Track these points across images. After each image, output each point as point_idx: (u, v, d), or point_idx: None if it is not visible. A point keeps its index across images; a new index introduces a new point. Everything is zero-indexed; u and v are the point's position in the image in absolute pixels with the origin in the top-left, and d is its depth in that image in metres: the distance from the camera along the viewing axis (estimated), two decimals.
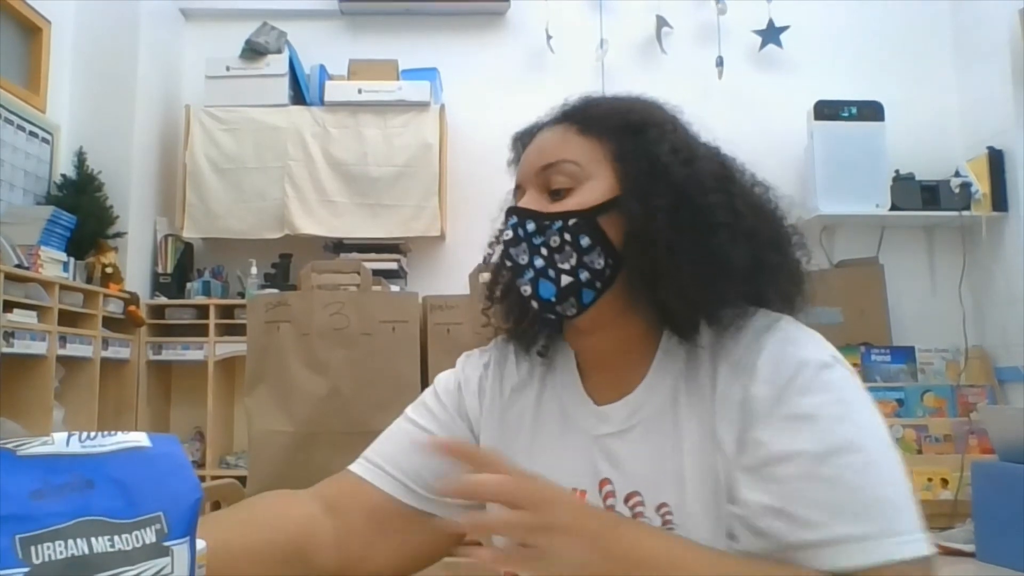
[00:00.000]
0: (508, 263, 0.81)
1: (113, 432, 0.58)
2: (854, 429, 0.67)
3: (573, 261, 0.76)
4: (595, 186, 0.78)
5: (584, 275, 0.76)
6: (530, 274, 0.78)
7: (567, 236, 0.77)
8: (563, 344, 0.88)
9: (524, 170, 0.84)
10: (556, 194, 0.80)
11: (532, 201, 0.80)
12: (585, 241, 0.76)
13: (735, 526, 0.68)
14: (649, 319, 0.80)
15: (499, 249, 0.86)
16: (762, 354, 0.71)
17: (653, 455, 0.75)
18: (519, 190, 0.85)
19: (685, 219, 0.74)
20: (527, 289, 0.78)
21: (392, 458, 0.87)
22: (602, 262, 0.76)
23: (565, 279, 0.76)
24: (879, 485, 0.64)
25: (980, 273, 4.06)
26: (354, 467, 0.89)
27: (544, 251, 0.77)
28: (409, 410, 0.93)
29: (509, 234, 0.80)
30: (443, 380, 0.94)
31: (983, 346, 4.01)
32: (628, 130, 0.80)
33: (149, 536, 0.53)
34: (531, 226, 0.79)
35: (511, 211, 0.81)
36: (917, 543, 0.62)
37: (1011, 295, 3.82)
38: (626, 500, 0.75)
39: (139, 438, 0.58)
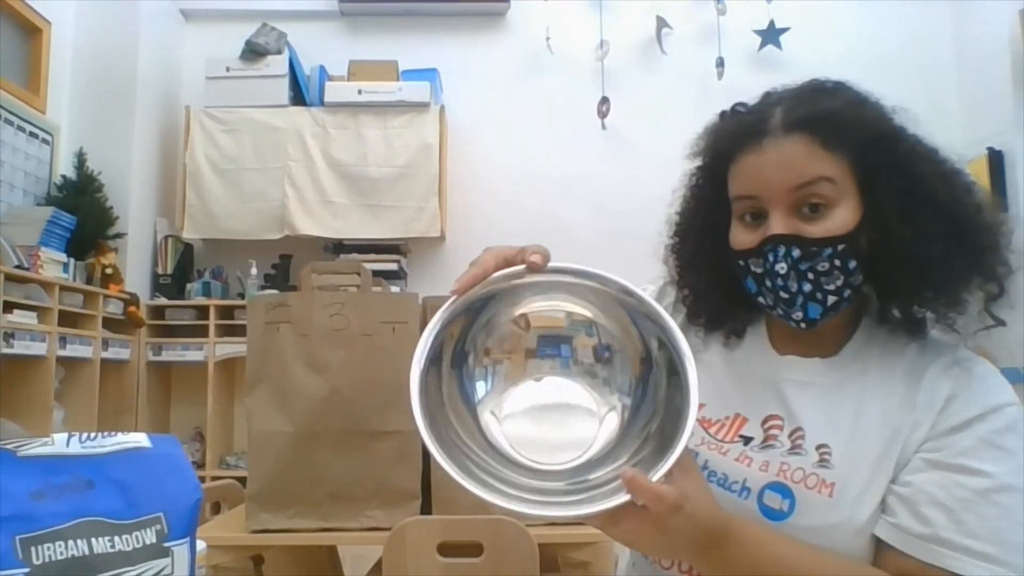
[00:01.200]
0: (766, 287, 0.81)
1: (113, 433, 0.58)
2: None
3: (840, 282, 0.78)
4: (849, 204, 0.78)
5: (847, 293, 0.80)
6: (800, 300, 0.79)
7: (836, 262, 0.78)
8: (754, 323, 0.92)
9: (767, 187, 0.79)
10: (809, 212, 0.78)
11: (789, 225, 0.78)
12: (852, 264, 0.78)
13: (893, 501, 0.74)
14: (860, 308, 0.85)
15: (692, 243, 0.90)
16: (976, 373, 0.80)
17: (828, 409, 0.80)
18: (747, 200, 0.81)
19: (953, 239, 0.76)
20: (798, 315, 0.80)
21: None
22: (861, 278, 0.80)
23: (831, 299, 0.79)
24: (1019, 535, 0.71)
25: None
26: None
27: (811, 275, 0.78)
28: None
29: (782, 266, 0.78)
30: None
31: (983, 346, 4.00)
32: (874, 142, 0.79)
33: (149, 537, 0.53)
34: (796, 252, 0.78)
35: (777, 239, 0.78)
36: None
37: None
38: (791, 434, 0.80)
39: (139, 439, 0.58)
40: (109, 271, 3.60)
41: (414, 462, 1.49)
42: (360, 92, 4.03)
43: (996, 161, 3.94)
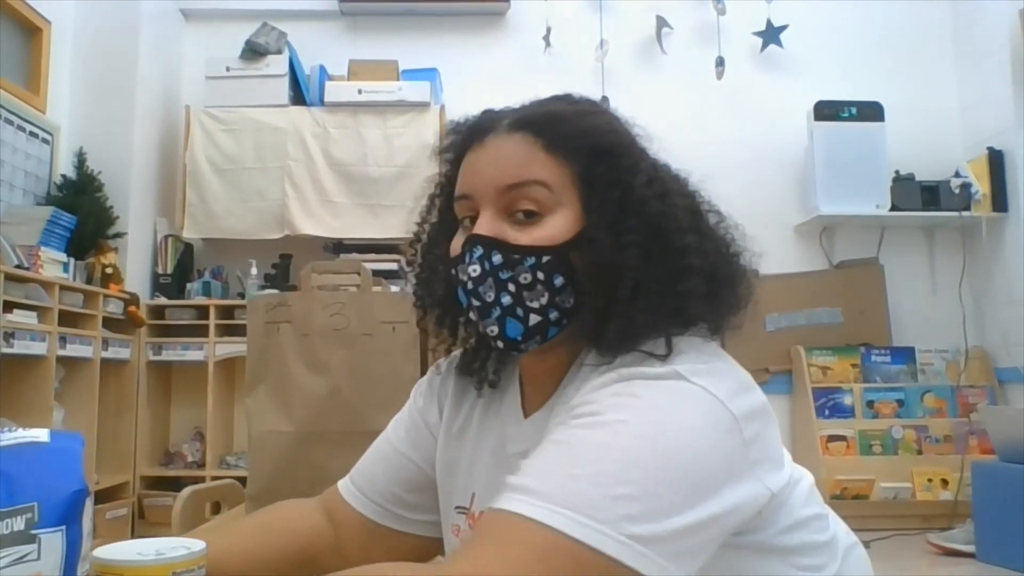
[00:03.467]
0: (466, 295, 0.74)
1: (14, 428, 0.62)
2: (617, 417, 0.61)
3: (544, 300, 0.71)
4: (565, 214, 0.72)
5: (553, 314, 0.72)
6: (496, 312, 0.71)
7: (540, 275, 0.70)
8: (508, 367, 0.84)
9: (479, 184, 0.73)
10: (522, 217, 0.72)
11: (495, 227, 0.72)
12: (559, 281, 0.71)
13: None
14: (580, 339, 0.75)
15: (431, 256, 0.82)
16: (623, 373, 0.66)
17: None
18: (465, 201, 0.75)
19: (657, 259, 0.70)
20: (493, 329, 0.72)
21: (372, 481, 0.89)
22: (572, 300, 0.72)
23: (534, 318, 0.71)
24: (595, 471, 0.58)
25: (980, 274, 4.06)
26: (341, 487, 0.91)
27: (512, 287, 0.71)
28: (391, 424, 0.94)
29: (475, 268, 0.71)
30: (415, 393, 0.93)
31: (983, 347, 4.01)
32: (599, 153, 0.73)
33: (18, 524, 0.56)
34: (497, 258, 0.71)
35: (475, 239, 0.71)
36: (557, 516, 0.56)
37: (1011, 295, 3.82)
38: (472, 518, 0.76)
39: (38, 434, 0.62)
40: (109, 271, 3.61)
41: None
42: (360, 92, 4.03)
43: (996, 161, 3.94)
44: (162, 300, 3.94)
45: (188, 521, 1.58)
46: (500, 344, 0.73)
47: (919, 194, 4.00)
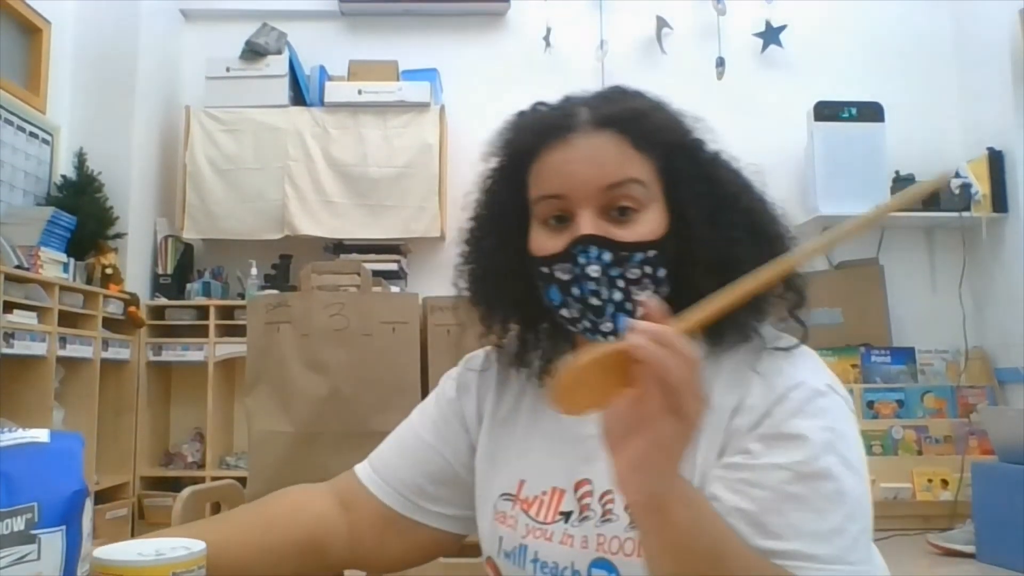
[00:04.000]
0: (568, 294, 0.74)
1: (14, 428, 0.62)
2: (835, 459, 0.67)
3: (649, 292, 0.73)
4: (656, 209, 0.75)
5: None
6: (610, 310, 0.73)
7: (647, 269, 0.73)
8: (562, 356, 0.84)
9: (575, 183, 0.74)
10: (617, 215, 0.73)
11: (599, 227, 0.73)
12: (662, 273, 0.74)
13: None
14: None
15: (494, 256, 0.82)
16: (758, 368, 0.72)
17: None
18: (555, 200, 0.75)
19: (761, 250, 0.72)
20: (608, 326, 0.73)
21: (395, 470, 0.88)
22: (668, 289, 0.75)
23: (640, 311, 0.71)
24: (843, 517, 0.66)
25: (980, 274, 4.06)
26: (360, 472, 0.90)
27: (621, 283, 0.73)
28: (415, 413, 0.93)
29: (595, 268, 0.72)
30: (444, 385, 0.93)
31: (983, 347, 4.01)
32: (679, 147, 0.76)
33: (18, 524, 0.56)
34: (607, 256, 0.72)
35: (588, 239, 0.72)
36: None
37: (1011, 296, 3.82)
38: (600, 498, 0.75)
39: (38, 435, 0.62)
40: (109, 271, 3.61)
41: None
42: (360, 92, 4.03)
43: (996, 161, 3.94)
44: (162, 300, 3.94)
45: (188, 522, 1.58)
46: (610, 338, 0.73)
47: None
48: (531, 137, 0.79)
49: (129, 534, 3.59)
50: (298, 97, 4.15)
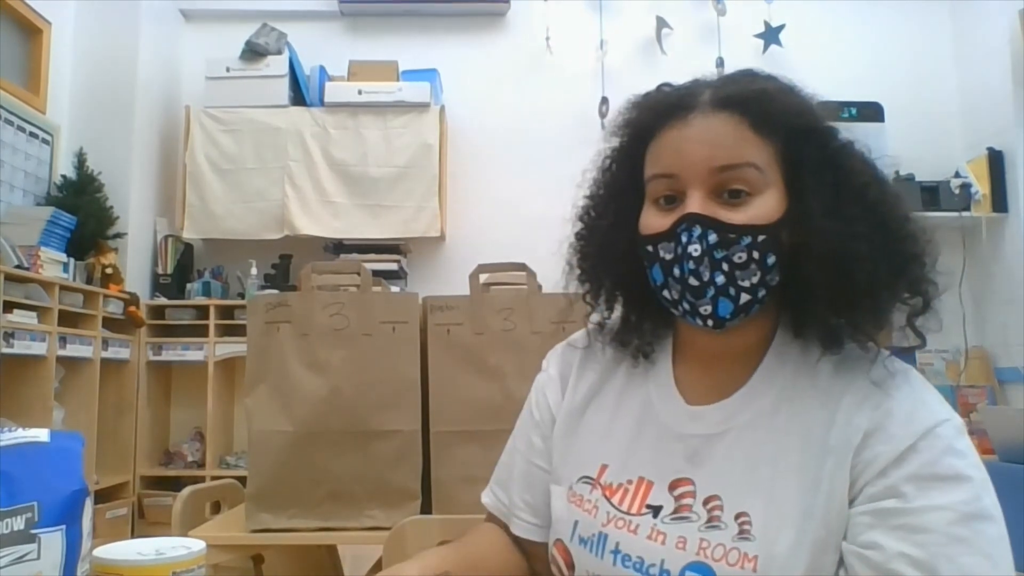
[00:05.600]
0: (669, 274, 0.73)
1: (14, 428, 0.62)
2: (990, 499, 0.66)
3: (755, 279, 0.71)
4: (772, 194, 0.72)
5: (762, 293, 0.72)
6: (711, 292, 0.71)
7: (755, 254, 0.70)
8: (662, 341, 0.84)
9: (687, 163, 0.72)
10: (728, 197, 0.71)
11: (708, 207, 0.71)
12: (771, 260, 0.71)
13: (854, 563, 0.66)
14: (772, 320, 0.77)
15: (609, 236, 0.82)
16: (891, 392, 0.70)
17: (743, 463, 0.72)
18: (665, 179, 0.74)
19: (879, 243, 0.70)
20: (707, 308, 0.71)
21: (528, 505, 0.88)
22: (778, 278, 0.72)
23: (744, 297, 0.71)
24: (1005, 559, 0.65)
25: (980, 274, 4.06)
26: (501, 516, 0.91)
27: (725, 266, 0.70)
28: (516, 430, 0.94)
29: (696, 248, 0.70)
30: (536, 384, 0.93)
31: (983, 346, 4.01)
32: (806, 132, 0.73)
33: (18, 524, 0.57)
34: (712, 237, 0.70)
35: (693, 218, 0.70)
36: None
37: (1011, 295, 3.82)
38: (705, 502, 0.72)
39: (38, 434, 0.62)
40: (109, 271, 3.61)
41: (414, 462, 1.49)
42: (360, 92, 4.03)
43: (996, 161, 3.94)
44: (162, 300, 3.94)
45: (188, 521, 1.58)
46: (709, 323, 0.72)
47: (919, 194, 3.99)
48: (650, 116, 0.77)
49: (129, 533, 3.59)
50: (298, 97, 4.15)
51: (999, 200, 3.92)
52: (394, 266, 3.97)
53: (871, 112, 3.97)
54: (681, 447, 0.76)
